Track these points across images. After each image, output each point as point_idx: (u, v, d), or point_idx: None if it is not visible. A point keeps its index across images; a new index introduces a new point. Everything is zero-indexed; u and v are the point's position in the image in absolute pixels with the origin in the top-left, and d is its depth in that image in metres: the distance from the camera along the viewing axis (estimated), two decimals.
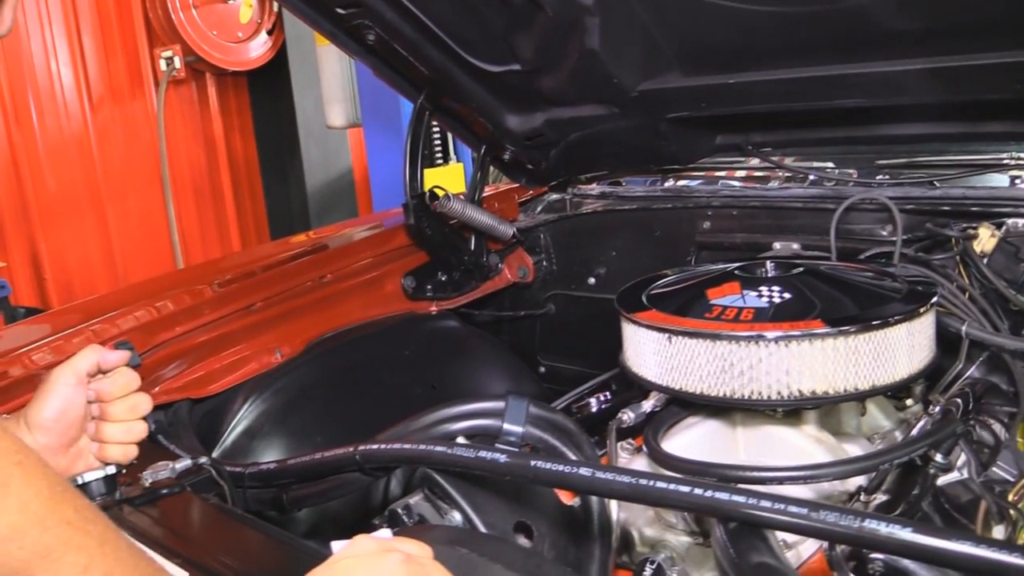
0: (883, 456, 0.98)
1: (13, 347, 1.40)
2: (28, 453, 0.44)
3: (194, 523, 0.87)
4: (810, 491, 1.07)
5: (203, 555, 0.78)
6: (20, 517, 0.41)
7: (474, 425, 1.07)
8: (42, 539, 0.41)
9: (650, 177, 2.10)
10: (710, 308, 1.15)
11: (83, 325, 1.48)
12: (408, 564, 0.59)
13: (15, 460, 0.42)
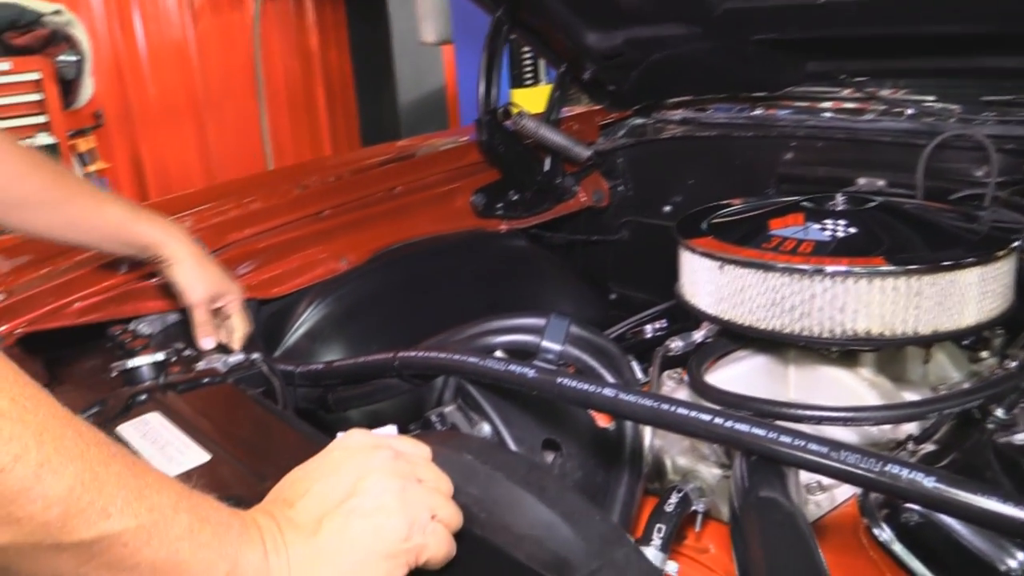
0: (929, 405, 0.93)
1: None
2: None
3: (224, 410, 0.90)
4: (855, 435, 1.03)
5: (223, 438, 0.81)
6: None
7: (513, 340, 1.07)
8: None
9: (738, 105, 2.01)
10: (769, 239, 1.10)
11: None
12: (396, 460, 0.60)
13: None
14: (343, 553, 0.55)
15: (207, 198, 1.64)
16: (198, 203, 1.62)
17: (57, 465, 0.45)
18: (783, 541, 0.61)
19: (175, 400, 0.93)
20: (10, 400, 0.44)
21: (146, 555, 0.48)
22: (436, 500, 0.60)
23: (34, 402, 0.45)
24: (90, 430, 0.49)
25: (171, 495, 0.50)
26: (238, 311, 1.33)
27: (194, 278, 1.25)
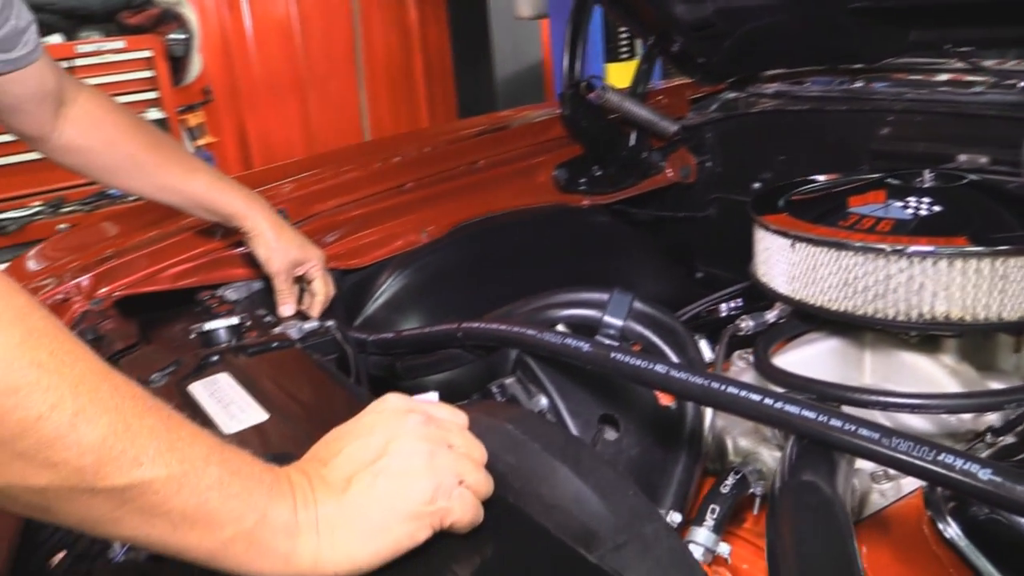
0: (1005, 395, 0.88)
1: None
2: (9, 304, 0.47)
3: (289, 373, 0.94)
4: (932, 425, 0.98)
5: (285, 399, 0.84)
6: None
7: (575, 314, 1.07)
8: (9, 378, 0.45)
9: (837, 77, 1.92)
10: (846, 216, 1.06)
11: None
12: (427, 425, 0.61)
13: None
14: (369, 511, 0.56)
15: (297, 169, 1.69)
16: (289, 174, 1.68)
17: (92, 415, 0.48)
18: (816, 526, 0.59)
19: (245, 362, 0.97)
20: (49, 353, 0.47)
21: (176, 503, 0.51)
22: (465, 466, 0.61)
23: (72, 356, 0.48)
24: (127, 385, 0.51)
25: (203, 448, 0.53)
26: (320, 276, 1.37)
27: (273, 249, 1.30)
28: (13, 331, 0.46)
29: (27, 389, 0.45)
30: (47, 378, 0.46)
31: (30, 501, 0.48)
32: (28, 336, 0.46)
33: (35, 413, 0.46)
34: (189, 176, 1.27)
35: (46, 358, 0.47)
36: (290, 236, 1.33)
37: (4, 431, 0.45)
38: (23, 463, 0.46)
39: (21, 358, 0.46)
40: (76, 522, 0.50)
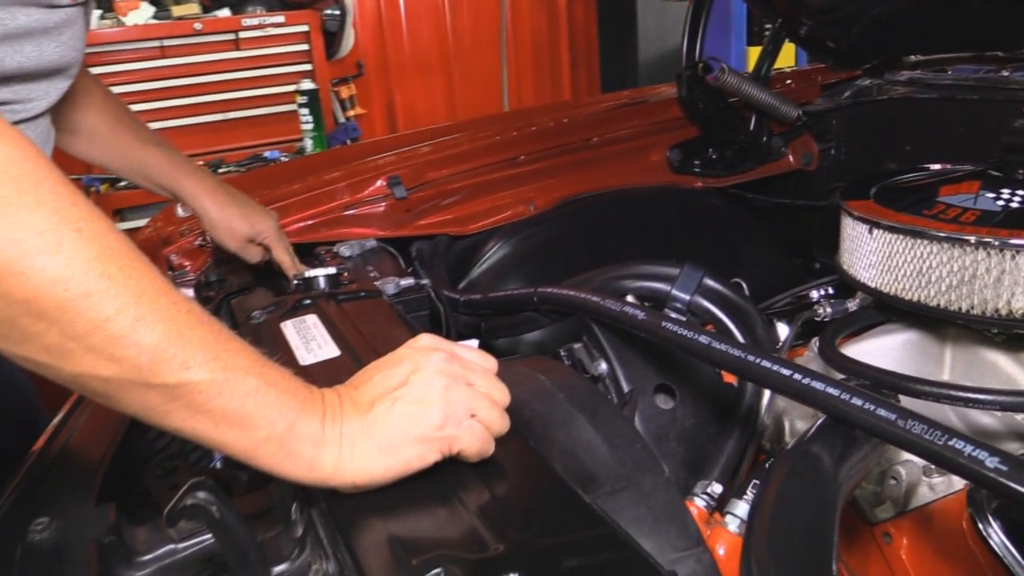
0: None
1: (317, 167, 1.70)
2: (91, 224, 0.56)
3: (369, 320, 1.02)
4: (1002, 425, 0.95)
5: (358, 341, 0.93)
6: (68, 269, 0.54)
7: (645, 286, 1.10)
8: (83, 285, 0.54)
9: (983, 66, 1.82)
10: (932, 205, 1.03)
11: (371, 158, 1.72)
12: (449, 363, 0.67)
13: (75, 227, 0.55)
14: (385, 430, 0.63)
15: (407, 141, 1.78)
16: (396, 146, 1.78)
17: (150, 322, 0.57)
18: (801, 493, 0.61)
19: (333, 307, 1.07)
20: (118, 268, 0.56)
21: (217, 404, 0.59)
22: (479, 402, 0.66)
23: (138, 273, 0.58)
24: (185, 302, 0.60)
25: (245, 360, 0.61)
26: (274, 242, 1.35)
27: (219, 229, 1.30)
28: (92, 247, 0.56)
29: (98, 295, 0.55)
30: (115, 288, 0.56)
31: (97, 389, 0.58)
32: (103, 252, 0.56)
33: (103, 315, 0.55)
34: (142, 149, 1.26)
35: (116, 271, 0.56)
36: (234, 211, 1.31)
37: (78, 328, 0.55)
38: (93, 356, 0.56)
39: (95, 269, 0.55)
40: (134, 411, 0.59)
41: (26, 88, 0.89)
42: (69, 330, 0.55)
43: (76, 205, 0.57)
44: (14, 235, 0.53)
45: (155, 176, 1.27)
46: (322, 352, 0.93)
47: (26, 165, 0.56)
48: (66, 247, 0.55)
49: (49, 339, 0.55)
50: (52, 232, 0.55)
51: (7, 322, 0.55)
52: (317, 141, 2.99)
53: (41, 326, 0.55)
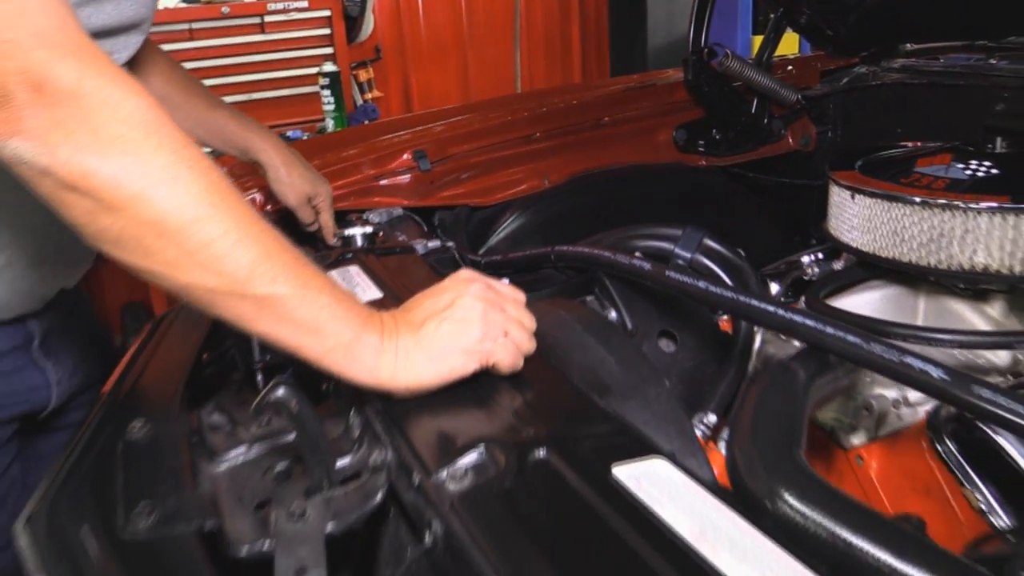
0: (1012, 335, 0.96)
1: (342, 141, 1.82)
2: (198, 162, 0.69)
3: (404, 271, 1.15)
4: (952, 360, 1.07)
5: (397, 286, 1.06)
6: (184, 198, 0.66)
7: (650, 244, 1.23)
8: (195, 212, 0.65)
9: (974, 55, 1.94)
10: (909, 175, 1.15)
11: (397, 134, 1.84)
12: (487, 291, 0.80)
13: (188, 165, 0.68)
14: (434, 344, 0.76)
15: (431, 119, 1.91)
16: (435, 120, 1.90)
17: (247, 244, 0.70)
18: (776, 395, 0.74)
19: (372, 260, 1.20)
20: (221, 199, 0.69)
21: (297, 315, 0.72)
22: (511, 325, 0.79)
23: (237, 205, 0.70)
24: (272, 230, 0.73)
25: (320, 282, 0.74)
26: (325, 208, 1.46)
27: (285, 184, 1.41)
28: (201, 181, 0.69)
29: (206, 220, 0.68)
30: (219, 215, 0.69)
31: (202, 298, 0.71)
32: (209, 185, 0.69)
33: (210, 237, 0.68)
34: (212, 113, 1.38)
35: (219, 201, 0.69)
36: (300, 171, 1.42)
37: (190, 245, 0.68)
38: (201, 269, 0.69)
39: (204, 199, 0.68)
40: (229, 317, 0.72)
41: (108, 43, 1.01)
42: (183, 247, 0.68)
43: (187, 147, 0.70)
44: (143, 170, 0.66)
45: (229, 136, 1.37)
46: (366, 296, 1.06)
47: (150, 113, 0.68)
48: (182, 180, 0.68)
49: (167, 254, 0.68)
50: (171, 168, 0.68)
51: (135, 240, 0.68)
52: (338, 121, 3.11)
53: (162, 243, 0.68)
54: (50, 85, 0.65)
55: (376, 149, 1.77)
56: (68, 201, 0.67)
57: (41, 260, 1.05)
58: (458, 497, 0.64)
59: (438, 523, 0.63)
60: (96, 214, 0.67)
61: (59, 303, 1.16)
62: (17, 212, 1.01)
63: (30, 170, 0.67)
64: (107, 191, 0.66)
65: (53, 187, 0.67)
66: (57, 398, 1.17)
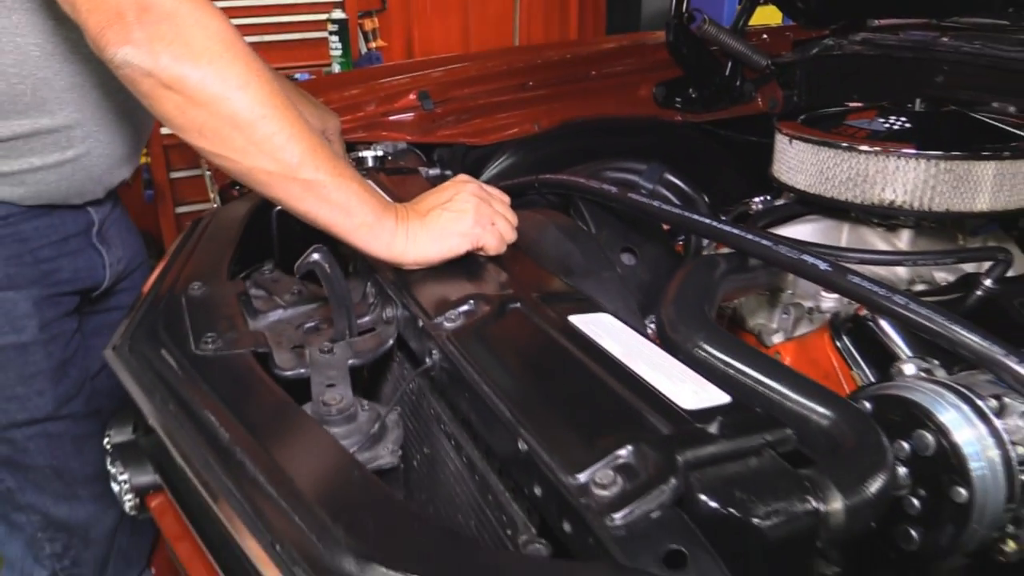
0: (911, 255, 1.19)
1: (350, 82, 2.02)
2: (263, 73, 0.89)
3: (407, 185, 1.36)
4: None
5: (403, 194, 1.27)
6: (254, 99, 0.85)
7: (619, 176, 1.44)
8: (261, 111, 0.85)
9: (930, 33, 2.14)
10: (839, 126, 1.37)
11: (403, 76, 2.03)
12: (480, 190, 1.01)
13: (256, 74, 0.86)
14: (437, 226, 0.97)
15: (436, 64, 2.10)
16: (426, 68, 2.10)
17: (298, 139, 0.90)
18: (699, 278, 0.96)
19: (383, 176, 1.41)
20: (280, 102, 0.90)
21: (333, 197, 0.93)
22: (497, 218, 1.00)
23: (289, 110, 0.91)
24: (316, 133, 0.94)
25: (351, 173, 0.95)
26: (336, 139, 1.54)
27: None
28: (265, 88, 0.89)
29: (269, 118, 0.89)
30: (278, 115, 0.89)
31: (261, 179, 0.92)
32: (272, 92, 0.90)
33: (271, 131, 0.89)
34: None
35: (279, 104, 0.90)
36: (307, 107, 1.50)
37: (256, 136, 0.89)
38: (263, 156, 0.90)
39: (268, 102, 0.89)
40: (280, 196, 0.93)
41: None
42: (251, 138, 0.89)
43: (256, 60, 0.90)
44: (224, 75, 0.87)
45: None
46: None
47: (229, 32, 0.89)
48: (252, 86, 0.88)
49: (238, 143, 0.89)
50: (244, 76, 0.88)
51: (214, 130, 0.89)
52: (345, 67, 3.29)
53: (235, 134, 0.89)
54: (155, 7, 0.86)
55: (382, 89, 1.96)
56: (164, 97, 0.88)
57: (113, 153, 1.26)
58: (452, 332, 0.86)
59: (436, 350, 0.85)
60: (185, 108, 0.88)
61: (113, 194, 1.37)
62: (102, 107, 1.21)
63: (134, 72, 0.88)
64: (196, 90, 0.87)
65: (152, 86, 0.88)
66: (109, 278, 1.38)
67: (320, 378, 0.88)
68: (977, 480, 0.74)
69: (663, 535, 0.57)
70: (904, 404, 0.78)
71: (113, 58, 0.87)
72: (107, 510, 1.37)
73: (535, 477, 0.65)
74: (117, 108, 1.21)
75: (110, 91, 1.19)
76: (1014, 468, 0.75)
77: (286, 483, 0.68)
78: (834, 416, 0.74)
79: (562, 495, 0.61)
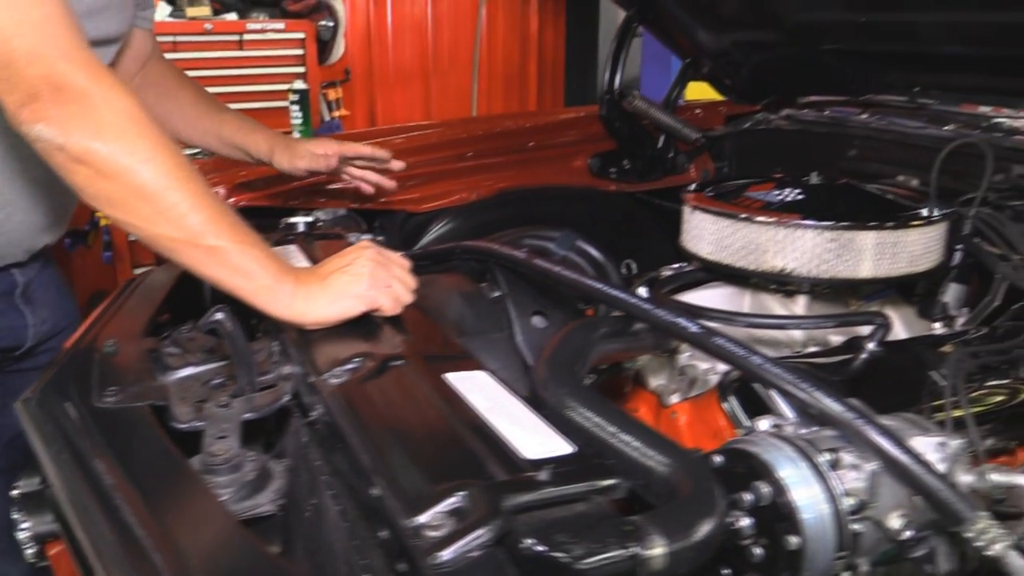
0: (793, 318, 1.26)
1: None
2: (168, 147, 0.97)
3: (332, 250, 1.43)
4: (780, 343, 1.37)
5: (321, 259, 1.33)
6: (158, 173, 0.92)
7: (534, 243, 1.51)
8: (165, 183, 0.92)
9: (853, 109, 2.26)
10: (738, 197, 1.46)
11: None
12: (378, 255, 1.08)
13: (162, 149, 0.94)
14: (335, 288, 1.04)
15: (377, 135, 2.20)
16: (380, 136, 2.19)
17: (200, 208, 0.97)
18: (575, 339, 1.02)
19: (309, 243, 1.47)
20: (185, 175, 0.97)
21: (236, 262, 0.99)
22: (394, 281, 1.07)
23: (194, 180, 0.98)
24: (222, 203, 1.01)
25: (253, 239, 1.02)
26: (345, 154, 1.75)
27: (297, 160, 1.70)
28: (170, 162, 0.96)
29: (172, 189, 0.96)
30: (182, 186, 0.96)
31: (166, 245, 0.98)
32: (176, 165, 0.97)
33: (174, 201, 0.96)
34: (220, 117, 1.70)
35: (182, 176, 0.97)
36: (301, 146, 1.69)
37: (160, 206, 0.95)
38: (168, 223, 0.96)
39: (172, 175, 0.96)
40: (185, 261, 1.00)
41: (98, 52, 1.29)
42: (156, 207, 0.96)
43: (161, 135, 0.98)
44: (130, 150, 0.94)
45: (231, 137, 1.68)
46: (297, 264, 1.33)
47: (136, 110, 0.96)
48: (157, 160, 0.96)
49: (145, 211, 0.96)
50: (150, 150, 0.95)
51: (122, 200, 0.95)
52: (305, 134, 3.39)
53: (142, 203, 0.95)
54: (68, 88, 0.93)
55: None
56: (75, 169, 0.95)
57: (34, 221, 1.32)
58: (336, 387, 0.91)
59: (320, 404, 0.90)
60: (95, 180, 0.95)
61: (39, 257, 1.43)
62: (20, 177, 1.27)
63: (48, 146, 0.95)
64: (104, 164, 0.94)
65: (65, 159, 0.95)
66: (32, 339, 1.43)
67: (213, 430, 0.93)
68: (807, 529, 0.79)
69: (480, 573, 0.62)
70: (746, 457, 0.84)
71: (28, 133, 0.94)
72: (17, 562, 1.39)
73: (384, 521, 0.70)
74: (37, 178, 1.28)
75: (29, 163, 1.25)
76: (843, 518, 0.81)
77: (156, 531, 0.73)
78: (675, 466, 0.79)
79: (400, 536, 0.66)
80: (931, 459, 0.88)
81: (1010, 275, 1.38)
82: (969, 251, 1.47)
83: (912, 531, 0.83)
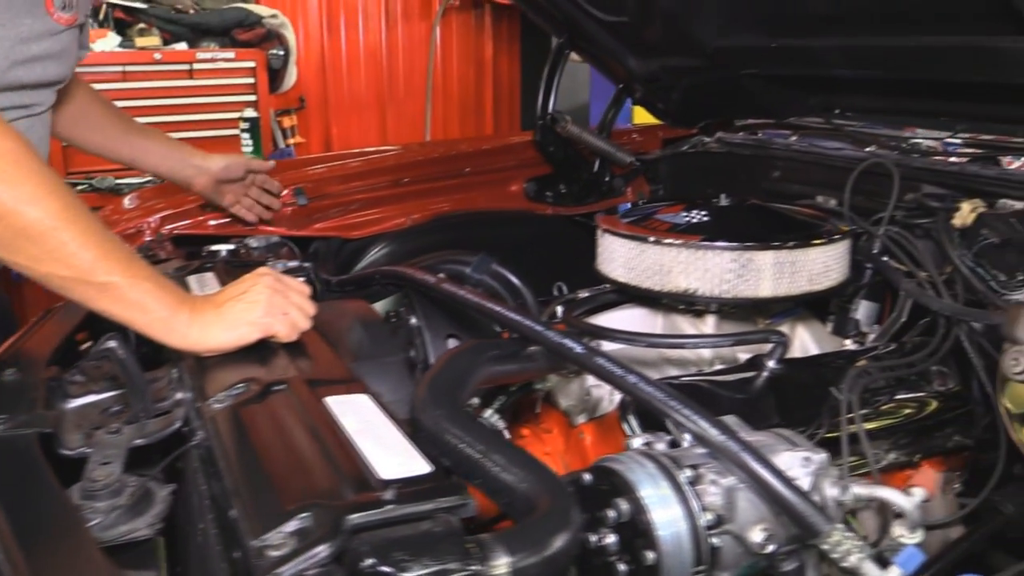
0: (692, 337, 1.29)
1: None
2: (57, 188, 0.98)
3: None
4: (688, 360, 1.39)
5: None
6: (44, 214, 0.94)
7: (451, 268, 1.54)
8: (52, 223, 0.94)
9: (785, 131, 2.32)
10: (648, 220, 1.49)
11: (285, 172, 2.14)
12: (276, 282, 1.10)
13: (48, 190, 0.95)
14: (230, 316, 1.05)
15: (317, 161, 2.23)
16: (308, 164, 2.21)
17: (89, 247, 0.98)
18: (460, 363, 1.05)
19: (227, 269, 1.49)
20: (74, 215, 0.98)
21: (129, 296, 1.01)
22: (291, 307, 1.09)
23: (84, 218, 0.99)
24: (112, 238, 1.02)
25: (146, 272, 1.03)
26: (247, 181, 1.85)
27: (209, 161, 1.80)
28: (57, 203, 0.98)
29: (59, 229, 0.97)
30: (70, 226, 0.98)
31: (57, 284, 1.00)
32: (64, 205, 0.98)
33: (62, 241, 0.97)
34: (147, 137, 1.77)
35: (71, 215, 0.98)
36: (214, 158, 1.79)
37: (48, 247, 0.97)
38: (56, 263, 0.98)
39: (59, 215, 0.97)
40: (78, 298, 1.01)
41: (37, 94, 1.32)
42: (43, 247, 0.97)
43: (47, 176, 0.99)
44: (14, 192, 0.96)
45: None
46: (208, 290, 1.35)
47: (21, 152, 0.98)
48: (42, 201, 0.97)
49: (32, 251, 0.97)
50: (35, 191, 0.97)
51: (8, 241, 0.97)
52: None
53: (28, 243, 0.97)
54: None
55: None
56: None
57: None
58: (218, 412, 0.93)
59: (202, 429, 0.92)
60: None
61: None
62: None
63: None
64: None
65: None
66: None
67: (98, 456, 0.95)
68: (663, 544, 0.82)
69: None
70: (609, 474, 0.87)
71: None
72: None
73: (236, 542, 0.72)
74: None
75: None
76: (700, 532, 0.83)
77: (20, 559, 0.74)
78: (537, 485, 0.81)
79: (247, 556, 0.68)
80: (795, 474, 0.91)
81: (914, 292, 1.42)
82: (876, 269, 1.52)
83: (775, 545, 0.86)
